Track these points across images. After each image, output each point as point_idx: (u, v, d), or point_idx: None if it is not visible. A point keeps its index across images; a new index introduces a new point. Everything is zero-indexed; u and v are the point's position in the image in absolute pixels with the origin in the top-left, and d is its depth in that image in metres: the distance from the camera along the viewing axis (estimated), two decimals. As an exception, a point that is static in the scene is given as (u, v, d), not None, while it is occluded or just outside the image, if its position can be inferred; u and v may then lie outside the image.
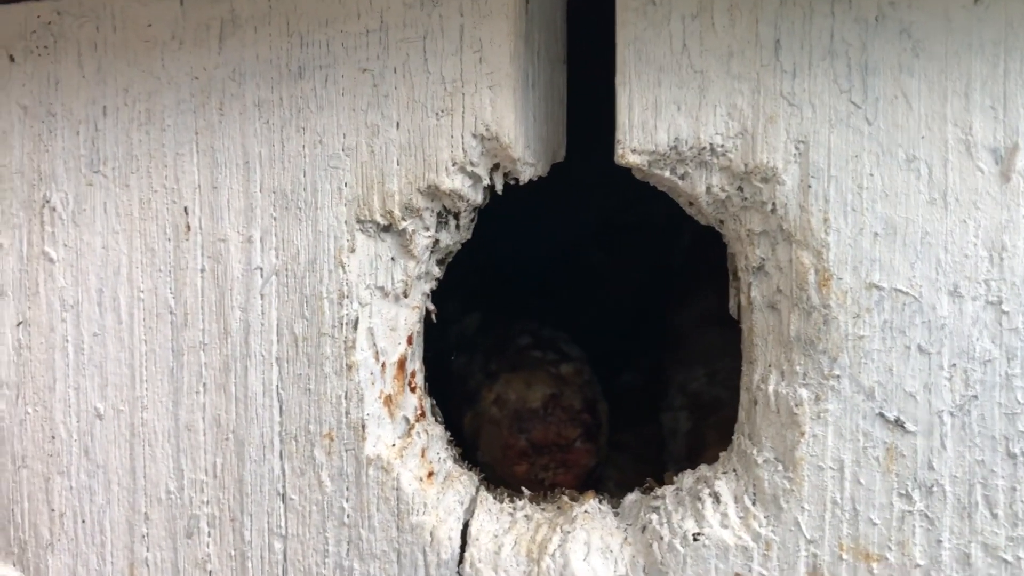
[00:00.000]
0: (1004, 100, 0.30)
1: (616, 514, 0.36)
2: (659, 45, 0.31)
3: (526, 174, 0.35)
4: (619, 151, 0.32)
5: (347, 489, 0.34)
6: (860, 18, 0.30)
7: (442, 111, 0.33)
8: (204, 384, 0.35)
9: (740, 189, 0.33)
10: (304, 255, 0.34)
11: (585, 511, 0.36)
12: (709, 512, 0.33)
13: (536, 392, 0.49)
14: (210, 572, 0.36)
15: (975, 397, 0.31)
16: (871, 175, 0.31)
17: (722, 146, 0.32)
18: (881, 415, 0.32)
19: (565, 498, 0.37)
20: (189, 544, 0.36)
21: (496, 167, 0.34)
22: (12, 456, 0.37)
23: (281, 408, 0.35)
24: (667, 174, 0.33)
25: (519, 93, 0.33)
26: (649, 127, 0.32)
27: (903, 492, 0.31)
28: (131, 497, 0.36)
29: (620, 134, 0.32)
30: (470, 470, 0.39)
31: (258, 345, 0.35)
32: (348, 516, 0.34)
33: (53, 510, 0.37)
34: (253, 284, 0.35)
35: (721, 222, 0.36)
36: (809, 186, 0.31)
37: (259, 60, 0.34)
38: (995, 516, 0.31)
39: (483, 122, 0.33)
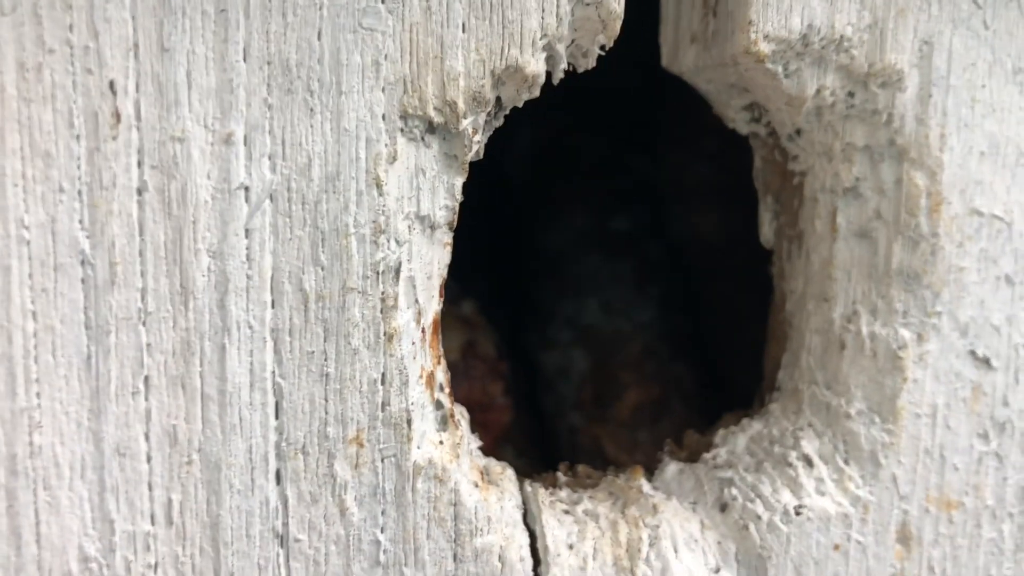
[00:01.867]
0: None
1: (668, 492, 0.35)
2: None
3: (591, 60, 0.31)
4: (752, 36, 0.30)
5: (383, 514, 0.29)
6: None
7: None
8: (147, 379, 0.27)
9: (851, 94, 0.34)
10: (319, 167, 0.27)
11: (655, 495, 0.34)
12: (804, 479, 0.34)
13: (450, 341, 0.45)
14: None
15: None
16: (983, 86, 0.33)
17: (850, 39, 0.32)
18: (972, 352, 0.35)
19: (618, 479, 0.35)
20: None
21: (575, 47, 0.30)
22: None
23: (279, 406, 0.28)
24: (779, 69, 0.32)
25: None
26: (783, 8, 0.31)
27: (981, 432, 0.35)
28: (11, 580, 0.26)
29: (753, 14, 0.30)
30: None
31: (242, 311, 0.27)
32: (385, 552, 0.29)
33: None
34: (233, 213, 0.27)
35: (798, 132, 0.36)
36: (930, 95, 0.33)
37: None
38: None
39: (581, -21, 0.28)
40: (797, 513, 0.35)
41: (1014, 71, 0.35)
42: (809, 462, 0.36)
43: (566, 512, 0.34)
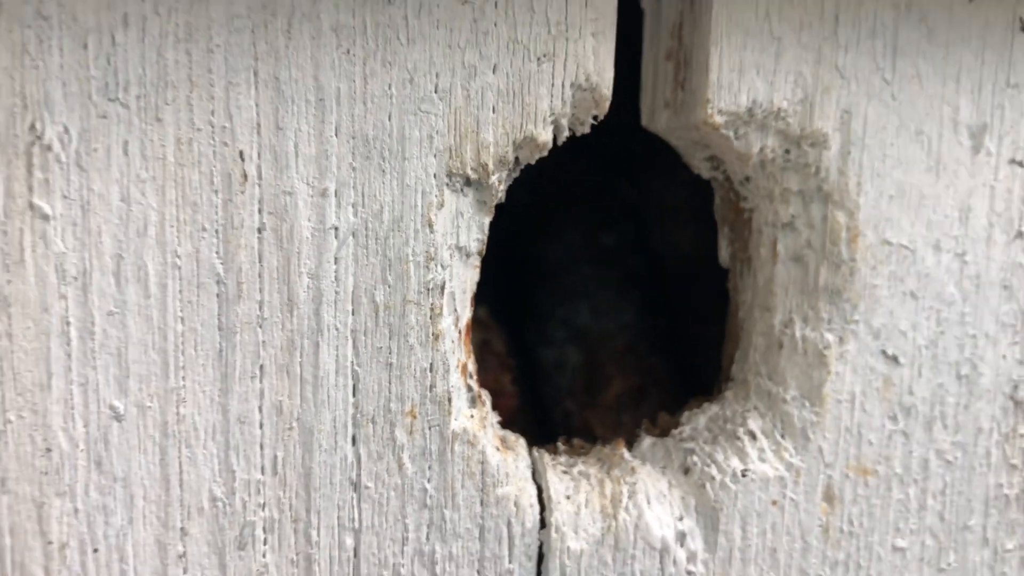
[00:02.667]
0: (980, 85, 0.43)
1: (643, 459, 0.45)
2: (747, 10, 0.39)
3: (587, 127, 0.41)
4: (709, 111, 0.40)
5: (429, 468, 0.38)
6: (895, 3, 0.41)
7: (544, 56, 0.37)
8: (262, 367, 0.36)
9: (787, 151, 0.43)
10: (388, 212, 0.37)
11: (633, 461, 0.44)
12: (750, 449, 0.44)
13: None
14: None
15: (942, 332, 0.45)
16: (892, 144, 0.43)
17: (786, 111, 0.41)
18: (883, 352, 0.45)
19: (605, 449, 0.45)
20: (241, 557, 0.37)
21: (574, 119, 0.40)
22: (-16, 480, 0.34)
23: (356, 387, 0.37)
24: (731, 134, 0.42)
25: (614, 42, 0.38)
26: (734, 89, 0.41)
27: (891, 415, 0.45)
28: (162, 512, 0.36)
29: (710, 93, 0.40)
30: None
31: (331, 317, 0.36)
32: (431, 497, 0.38)
33: (51, 542, 0.35)
34: (327, 246, 0.36)
35: (747, 179, 0.46)
36: (849, 152, 0.43)
37: None
38: (946, 427, 0.46)
39: (585, 71, 0.38)
40: (743, 475, 0.45)
41: (916, 132, 0.45)
42: (753, 436, 0.46)
43: (564, 472, 0.44)
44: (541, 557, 0.42)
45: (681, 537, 0.44)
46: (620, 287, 0.63)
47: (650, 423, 0.50)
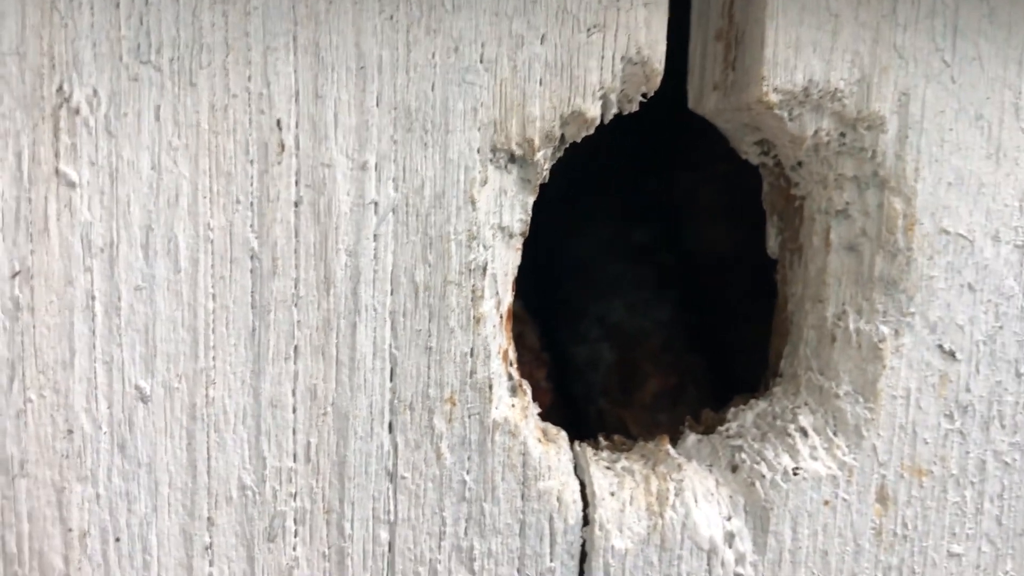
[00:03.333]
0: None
1: (688, 456, 0.43)
2: None
3: (635, 105, 0.39)
4: (764, 88, 0.37)
5: (469, 459, 0.36)
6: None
7: (594, 26, 0.35)
8: (296, 348, 0.34)
9: (842, 135, 0.41)
10: (430, 188, 0.35)
11: (679, 457, 0.41)
12: (801, 446, 0.41)
13: (502, 337, 0.53)
14: None
15: (1000, 328, 0.43)
16: (950, 129, 0.41)
17: (843, 91, 0.39)
18: (939, 346, 0.42)
19: (648, 445, 0.43)
20: (271, 549, 0.35)
21: (623, 95, 0.38)
22: (2, 464, 0.31)
23: (394, 371, 0.35)
24: (785, 114, 0.39)
25: (667, 14, 0.36)
26: (790, 66, 0.39)
27: (947, 413, 0.43)
28: (188, 500, 0.34)
29: (765, 70, 0.38)
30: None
31: (369, 297, 0.34)
32: (470, 490, 0.36)
33: (71, 530, 0.33)
34: (365, 222, 0.34)
35: (799, 164, 0.43)
36: (906, 136, 0.40)
37: None
38: (1003, 427, 0.43)
39: (636, 44, 0.36)
40: (795, 473, 0.43)
41: (975, 117, 0.43)
42: (805, 433, 0.44)
43: (607, 468, 0.42)
44: (584, 556, 0.40)
45: (730, 537, 0.42)
46: (655, 284, 0.61)
47: (693, 420, 0.48)
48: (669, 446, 0.45)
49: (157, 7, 0.32)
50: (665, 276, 0.62)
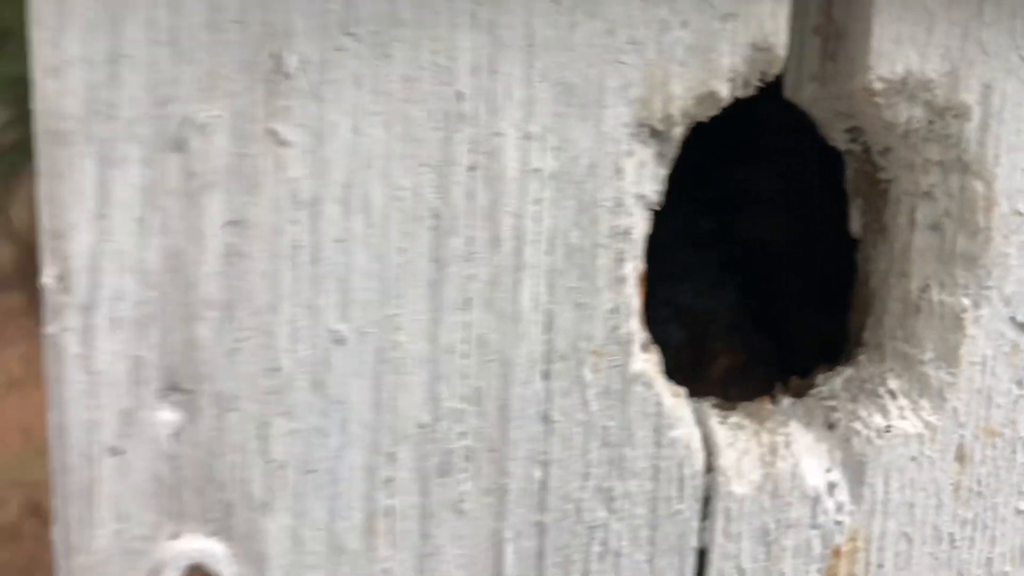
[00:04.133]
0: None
1: (787, 416, 0.47)
2: None
3: (751, 90, 0.43)
4: (870, 77, 0.42)
5: (611, 407, 0.40)
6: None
7: (728, 15, 0.39)
8: (469, 300, 0.37)
9: (931, 122, 0.45)
10: (585, 158, 0.38)
11: (783, 415, 0.45)
12: (891, 407, 0.45)
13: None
14: (463, 512, 0.38)
15: None
16: None
17: (934, 82, 0.43)
18: (1012, 319, 0.46)
19: (752, 405, 0.46)
20: (442, 484, 0.38)
21: (747, 79, 0.41)
22: (215, 397, 0.35)
23: (550, 324, 0.38)
24: (883, 102, 0.44)
25: (788, 7, 0.40)
26: (891, 58, 0.43)
27: (1018, 380, 0.47)
28: (373, 437, 0.37)
29: (871, 61, 0.42)
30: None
31: (531, 256, 0.38)
32: (612, 436, 0.40)
33: (271, 461, 0.36)
34: (529, 187, 0.38)
35: (887, 150, 0.48)
36: (988, 125, 0.45)
37: None
38: None
39: (763, 32, 0.40)
40: (887, 431, 0.47)
41: (1047, 109, 0.47)
42: (893, 395, 0.48)
43: (721, 423, 0.46)
44: (707, 499, 0.44)
45: (831, 488, 0.46)
46: (719, 270, 0.65)
47: (783, 386, 0.52)
48: (770, 404, 0.48)
49: (362, -15, 0.35)
50: (729, 263, 0.66)
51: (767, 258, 0.69)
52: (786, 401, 0.50)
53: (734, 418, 0.47)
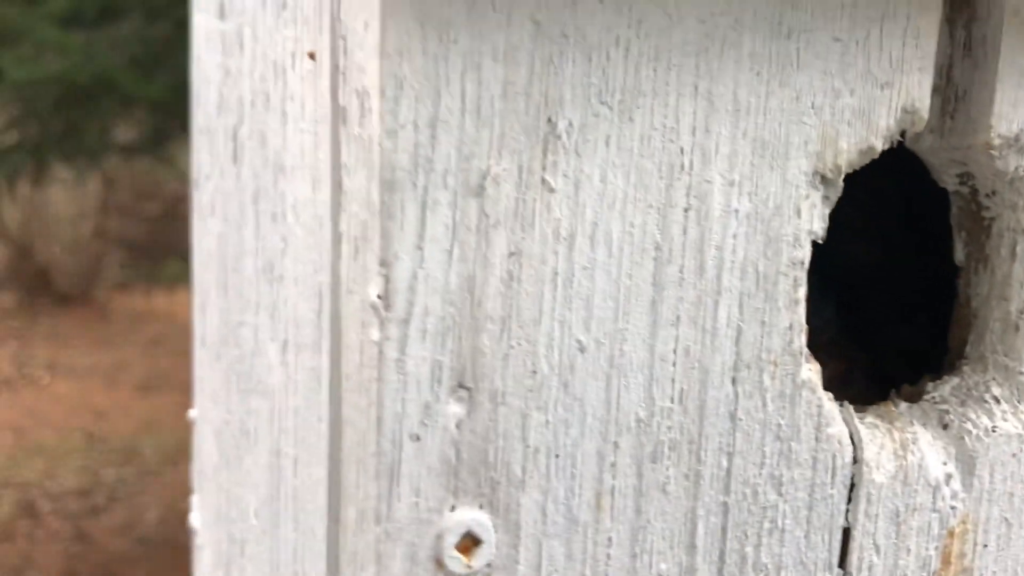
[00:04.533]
0: None
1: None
2: (1021, 56, 0.50)
3: (892, 144, 0.51)
4: (991, 135, 0.50)
5: (783, 409, 0.48)
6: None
7: (886, 84, 0.48)
8: (678, 317, 0.45)
9: (1035, 171, 0.54)
10: (772, 200, 0.46)
11: (907, 417, 0.54)
12: (996, 411, 0.54)
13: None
14: (668, 492, 0.46)
15: None
16: None
17: None
18: None
19: (879, 407, 0.55)
20: (653, 469, 0.46)
21: (896, 135, 0.50)
22: (491, 393, 0.43)
23: (738, 339, 0.47)
24: (996, 154, 0.52)
25: (932, 77, 0.49)
26: (1008, 119, 0.51)
27: None
28: (603, 428, 0.45)
29: (993, 121, 0.50)
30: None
31: (727, 281, 0.46)
32: (783, 432, 0.48)
33: (528, 447, 0.44)
34: (729, 225, 0.46)
35: (992, 192, 0.56)
36: None
37: (756, 16, 0.45)
38: None
39: (912, 98, 0.48)
40: (992, 431, 0.55)
41: None
42: (997, 401, 0.56)
43: (859, 422, 0.54)
44: (852, 486, 0.52)
45: (947, 478, 0.54)
46: (819, 288, 0.74)
47: (896, 392, 0.60)
48: (894, 408, 0.57)
49: (614, 62, 0.43)
50: (826, 281, 0.74)
51: (858, 278, 0.78)
52: (903, 405, 0.58)
53: (869, 418, 0.55)
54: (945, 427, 0.57)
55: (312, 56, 0.48)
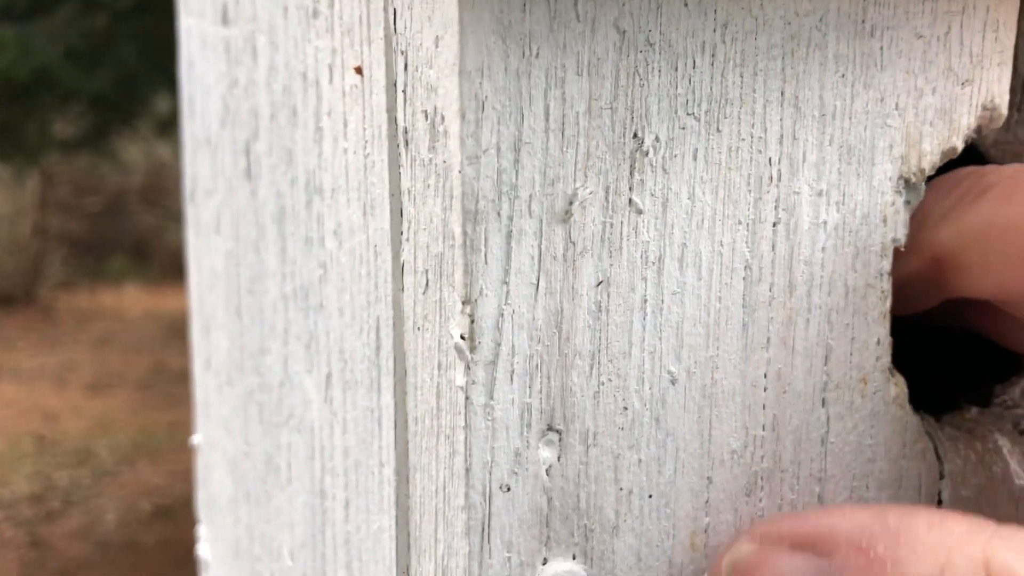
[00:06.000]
0: None
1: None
2: None
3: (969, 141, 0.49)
4: None
5: (873, 427, 0.46)
6: None
7: (967, 81, 0.45)
8: (768, 339, 0.43)
9: (1106, 162, 0.52)
10: (860, 209, 0.44)
11: (985, 427, 0.52)
12: (1069, 413, 0.52)
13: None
14: None
15: None
16: None
17: None
18: None
19: (951, 417, 0.53)
20: (747, 503, 0.43)
21: (976, 133, 0.48)
22: (582, 435, 0.40)
23: (828, 357, 0.44)
24: None
25: (1011, 71, 0.46)
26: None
27: None
28: (697, 463, 0.42)
29: None
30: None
31: (817, 298, 0.43)
32: (872, 452, 0.45)
33: (621, 489, 0.41)
34: (818, 238, 0.43)
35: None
36: None
37: (840, 13, 0.42)
38: None
39: (991, 94, 0.46)
40: (1067, 433, 0.54)
41: None
42: (1069, 403, 0.55)
43: (939, 433, 0.52)
44: (939, 502, 0.50)
45: (1028, 486, 0.53)
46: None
47: (963, 400, 0.59)
48: (967, 415, 0.55)
49: (700, 70, 0.40)
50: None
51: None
52: (973, 410, 0.57)
53: (947, 430, 0.53)
54: (1022, 432, 0.55)
55: (359, 71, 0.44)
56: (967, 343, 0.67)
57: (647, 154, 0.40)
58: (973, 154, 0.60)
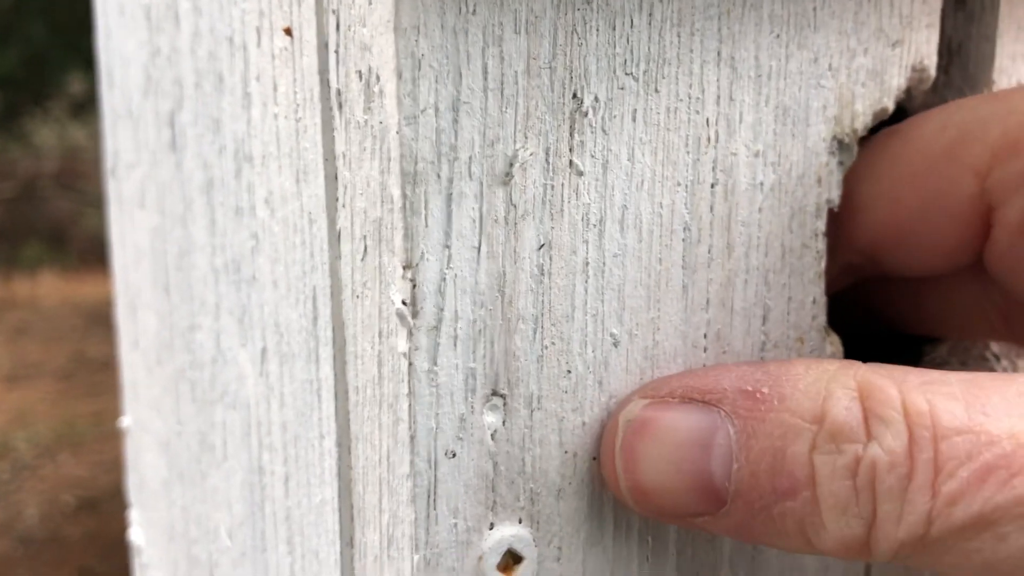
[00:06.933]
0: None
1: None
2: (1020, 6, 0.49)
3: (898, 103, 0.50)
4: (992, 89, 0.49)
5: None
6: None
7: (897, 42, 0.46)
8: (708, 300, 0.43)
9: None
10: (795, 170, 0.44)
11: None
12: (997, 367, 0.54)
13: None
14: None
15: None
16: None
17: None
18: None
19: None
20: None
21: (906, 94, 0.49)
22: (526, 399, 0.40)
23: (766, 318, 0.45)
24: None
25: (939, 32, 0.47)
26: (1008, 72, 0.51)
27: None
28: (640, 424, 0.42)
29: (995, 76, 0.50)
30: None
31: (754, 259, 0.44)
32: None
33: (566, 452, 0.41)
34: (755, 199, 0.44)
35: None
36: None
37: None
38: None
39: (921, 55, 0.47)
40: (996, 390, 0.55)
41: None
42: (997, 358, 0.56)
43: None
44: (874, 459, 0.51)
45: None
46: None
47: (895, 360, 0.60)
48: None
49: (638, 28, 0.40)
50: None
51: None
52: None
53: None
54: None
55: (288, 32, 0.43)
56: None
57: (587, 115, 0.40)
58: (902, 117, 0.61)
